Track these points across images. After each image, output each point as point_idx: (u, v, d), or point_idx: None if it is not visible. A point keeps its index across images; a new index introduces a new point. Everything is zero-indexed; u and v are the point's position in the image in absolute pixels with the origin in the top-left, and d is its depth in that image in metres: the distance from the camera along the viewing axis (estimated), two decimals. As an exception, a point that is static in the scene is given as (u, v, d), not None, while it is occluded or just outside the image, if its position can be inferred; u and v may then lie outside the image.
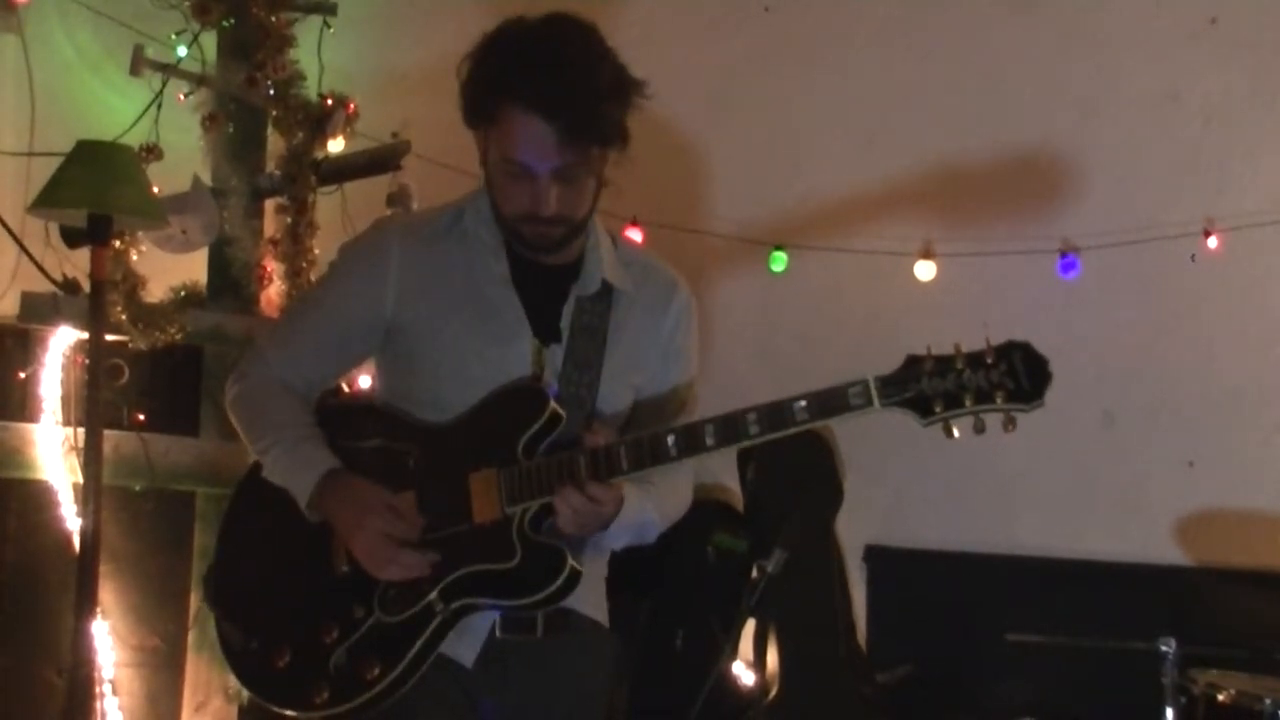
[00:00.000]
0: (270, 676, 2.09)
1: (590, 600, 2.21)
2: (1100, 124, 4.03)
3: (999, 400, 1.86)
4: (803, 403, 1.92)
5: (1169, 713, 2.85)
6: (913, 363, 1.89)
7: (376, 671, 2.02)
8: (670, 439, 1.97)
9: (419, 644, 2.02)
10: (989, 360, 1.87)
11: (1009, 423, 1.87)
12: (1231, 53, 3.91)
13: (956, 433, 1.89)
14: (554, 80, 1.97)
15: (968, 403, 1.87)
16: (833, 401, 1.91)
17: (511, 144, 2.01)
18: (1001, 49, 4.15)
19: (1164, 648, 2.84)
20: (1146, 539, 3.85)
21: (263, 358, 2.24)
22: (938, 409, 1.87)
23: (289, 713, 2.10)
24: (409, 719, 2.06)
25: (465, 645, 2.10)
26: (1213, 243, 3.83)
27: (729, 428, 1.95)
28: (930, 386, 1.87)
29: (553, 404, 2.05)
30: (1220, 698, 2.87)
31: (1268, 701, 2.78)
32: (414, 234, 2.20)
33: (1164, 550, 3.83)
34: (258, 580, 2.18)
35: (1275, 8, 3.88)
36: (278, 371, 2.21)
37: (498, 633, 2.11)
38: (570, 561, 2.01)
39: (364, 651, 2.03)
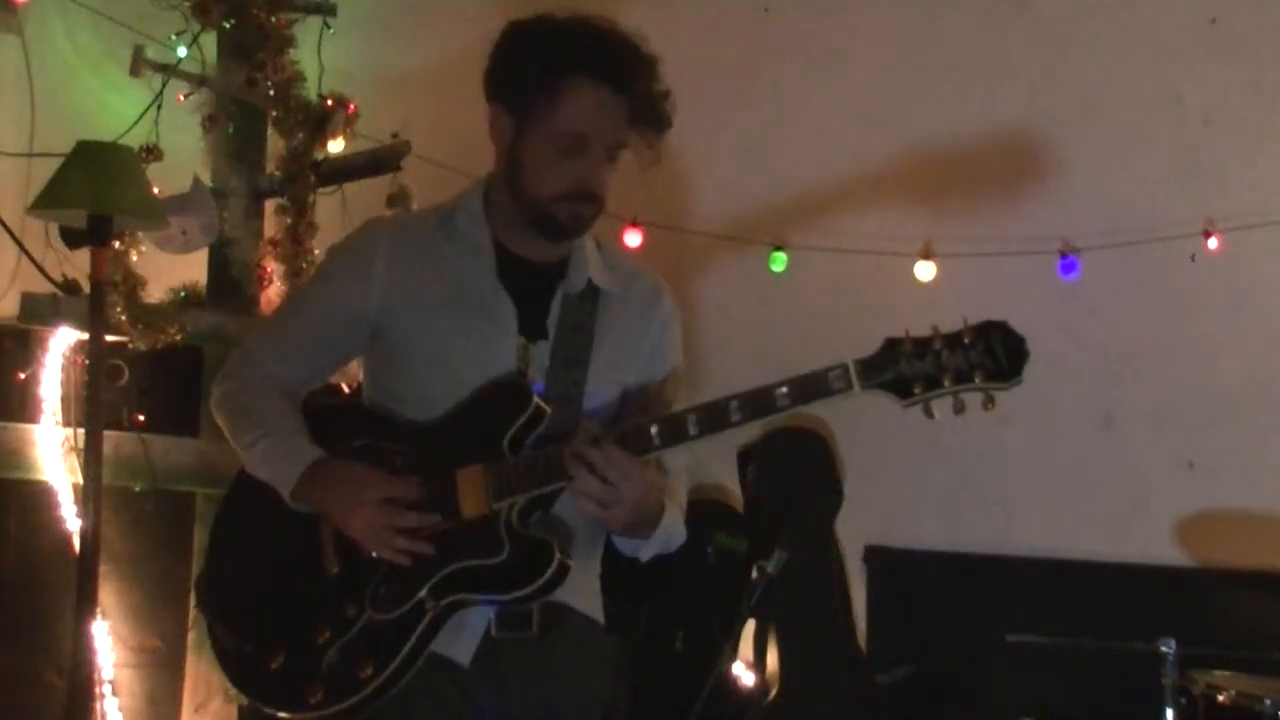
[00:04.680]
0: (264, 678, 2.09)
1: (586, 598, 2.21)
2: (1100, 124, 4.03)
3: (978, 379, 1.88)
4: (784, 388, 1.95)
5: (1169, 713, 2.85)
6: (891, 345, 1.91)
7: (370, 670, 2.01)
8: (654, 429, 1.99)
9: (411, 641, 2.02)
10: (966, 340, 1.89)
11: (988, 401, 1.88)
12: (1231, 53, 3.91)
13: (937, 414, 1.91)
14: (628, 58, 2.06)
15: (947, 383, 1.88)
16: (813, 385, 1.94)
17: (576, 115, 2.05)
18: (1001, 49, 4.15)
19: (1164, 648, 2.85)
20: (1146, 539, 3.85)
21: (250, 356, 2.25)
22: (917, 390, 1.89)
23: (283, 714, 2.10)
24: (407, 718, 2.07)
25: (462, 644, 2.10)
26: (1213, 243, 3.83)
27: (712, 415, 1.97)
28: (909, 368, 1.89)
29: (536, 399, 2.06)
30: (1220, 698, 2.87)
31: (1268, 702, 2.78)
32: (401, 233, 2.22)
33: (1164, 551, 3.82)
34: (248, 583, 2.18)
35: (1275, 8, 3.88)
36: (266, 370, 2.22)
37: (493, 631, 2.11)
38: (558, 553, 2.01)
39: (357, 650, 2.03)
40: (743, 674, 3.81)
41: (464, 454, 2.05)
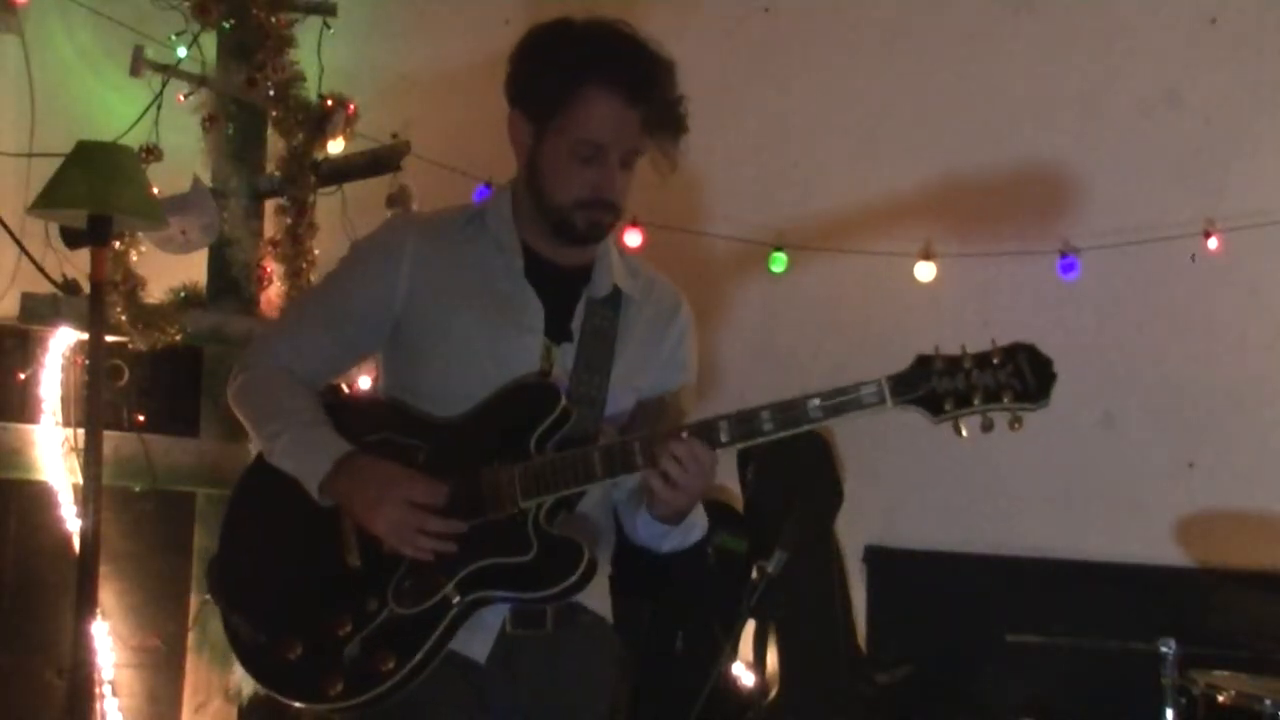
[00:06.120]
0: (281, 668, 2.09)
1: (596, 597, 2.22)
2: (1100, 124, 4.03)
3: (1006, 400, 1.92)
4: (817, 400, 1.96)
5: (1169, 713, 2.85)
6: (923, 362, 1.95)
7: (392, 664, 2.02)
8: (686, 436, 2.00)
9: (434, 636, 2.03)
10: (996, 361, 1.93)
11: (1015, 421, 1.93)
12: (1231, 53, 3.91)
13: (965, 431, 1.95)
14: (643, 67, 2.08)
15: (976, 402, 1.93)
16: (847, 400, 1.96)
17: (591, 124, 2.07)
18: (1001, 49, 4.15)
19: (1164, 648, 2.84)
20: (1146, 539, 3.85)
21: (269, 348, 2.26)
22: (948, 407, 1.93)
23: (300, 704, 2.10)
24: (421, 715, 2.07)
25: (478, 641, 2.11)
26: (1213, 243, 3.83)
27: (743, 424, 1.99)
28: (940, 386, 1.93)
29: (564, 400, 2.08)
30: (1220, 698, 2.87)
31: (1268, 702, 2.77)
32: (429, 230, 2.23)
33: (1164, 551, 3.82)
34: (264, 573, 2.18)
35: (1275, 8, 3.88)
36: (284, 361, 2.22)
37: (509, 628, 2.13)
38: (588, 553, 2.03)
39: (378, 644, 2.04)
40: (743, 674, 3.81)
41: (489, 452, 2.07)
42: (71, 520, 3.46)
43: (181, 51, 3.73)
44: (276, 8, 3.72)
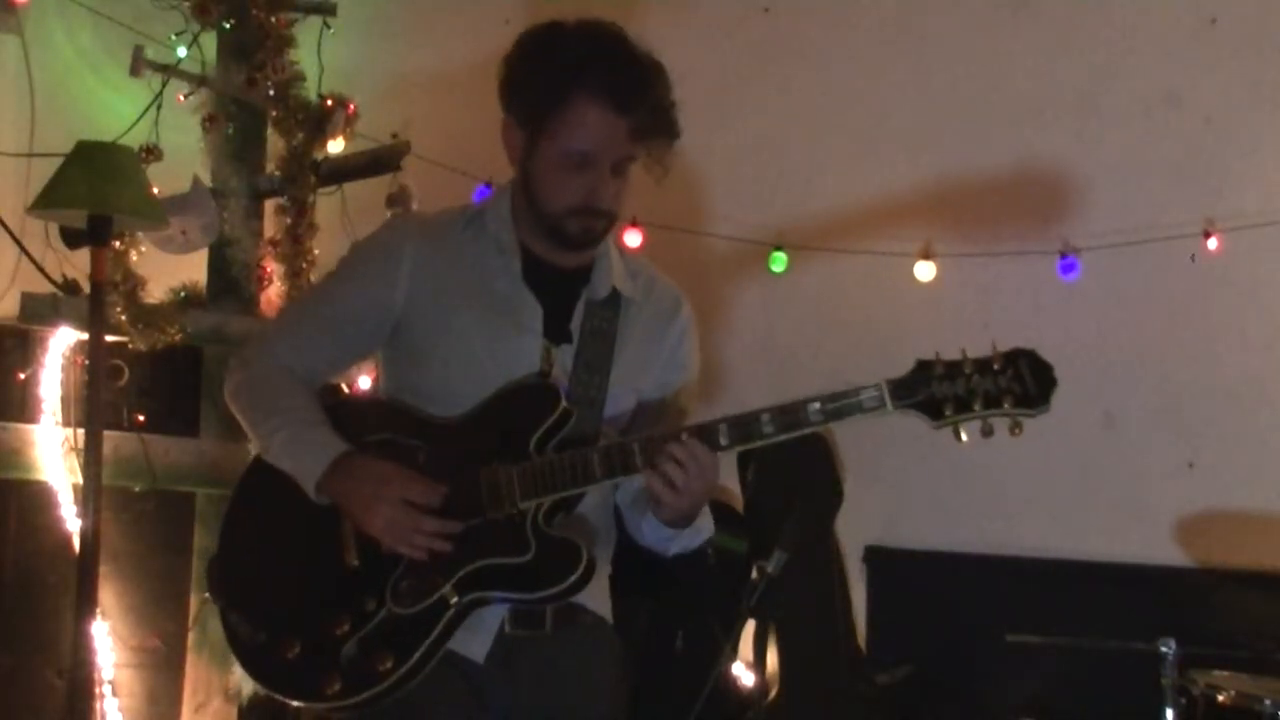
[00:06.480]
0: (279, 668, 2.09)
1: (596, 597, 2.23)
2: (1100, 125, 4.02)
3: (1007, 405, 1.93)
4: (816, 404, 1.97)
5: (1169, 713, 2.84)
6: (923, 367, 1.95)
7: (389, 664, 2.03)
8: (685, 437, 2.00)
9: (432, 636, 2.04)
10: (996, 366, 1.94)
11: (1015, 427, 1.94)
12: (1231, 53, 3.91)
13: (965, 436, 1.95)
14: (630, 74, 2.06)
15: (976, 407, 1.93)
16: (846, 404, 1.96)
17: (579, 133, 2.07)
18: (1001, 49, 4.15)
19: (1164, 648, 2.84)
20: (1146, 539, 3.84)
21: (268, 346, 2.26)
22: (948, 412, 1.94)
23: (298, 703, 2.11)
24: (420, 715, 2.08)
25: (477, 642, 2.12)
26: (1213, 243, 3.82)
27: (743, 427, 1.99)
28: (940, 390, 1.94)
29: (564, 401, 2.08)
30: (1220, 698, 2.86)
31: (1268, 702, 2.77)
32: (428, 231, 2.24)
33: (1164, 551, 3.82)
34: (264, 572, 2.18)
35: (1275, 8, 3.87)
36: (284, 361, 2.22)
37: (507, 629, 2.13)
38: (586, 554, 2.03)
39: (376, 643, 2.04)
40: (743, 674, 3.81)
41: (489, 453, 2.07)
42: (71, 520, 3.46)
43: (181, 51, 3.73)
44: (276, 8, 3.72)
